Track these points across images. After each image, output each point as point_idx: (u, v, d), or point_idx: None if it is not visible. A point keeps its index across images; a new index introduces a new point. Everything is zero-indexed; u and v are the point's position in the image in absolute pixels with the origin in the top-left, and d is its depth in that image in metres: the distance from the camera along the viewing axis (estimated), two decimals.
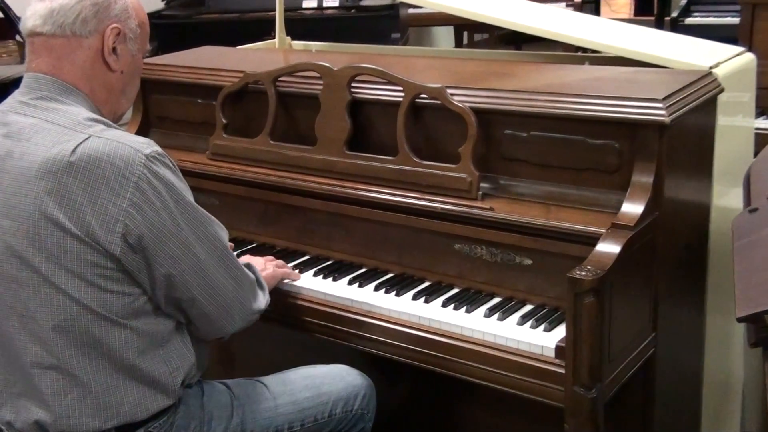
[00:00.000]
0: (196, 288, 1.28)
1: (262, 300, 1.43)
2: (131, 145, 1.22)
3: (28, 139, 1.24)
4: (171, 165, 1.27)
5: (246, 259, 1.62)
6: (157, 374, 1.28)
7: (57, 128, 1.24)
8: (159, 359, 1.28)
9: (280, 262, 1.66)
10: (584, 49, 2.33)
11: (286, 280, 1.63)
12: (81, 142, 1.21)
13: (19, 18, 3.19)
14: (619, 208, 1.39)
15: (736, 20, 3.15)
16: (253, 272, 1.45)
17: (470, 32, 5.40)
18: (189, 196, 1.28)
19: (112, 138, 1.22)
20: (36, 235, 1.21)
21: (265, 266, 1.58)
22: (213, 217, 1.34)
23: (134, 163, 1.20)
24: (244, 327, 1.40)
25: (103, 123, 1.27)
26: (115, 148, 1.21)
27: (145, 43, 1.38)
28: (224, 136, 1.86)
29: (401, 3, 4.20)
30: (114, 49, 1.31)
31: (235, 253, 1.66)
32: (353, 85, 1.68)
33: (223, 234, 1.35)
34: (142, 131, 2.04)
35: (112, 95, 1.34)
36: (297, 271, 1.68)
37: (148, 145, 1.24)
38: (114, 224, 1.19)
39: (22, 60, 3.37)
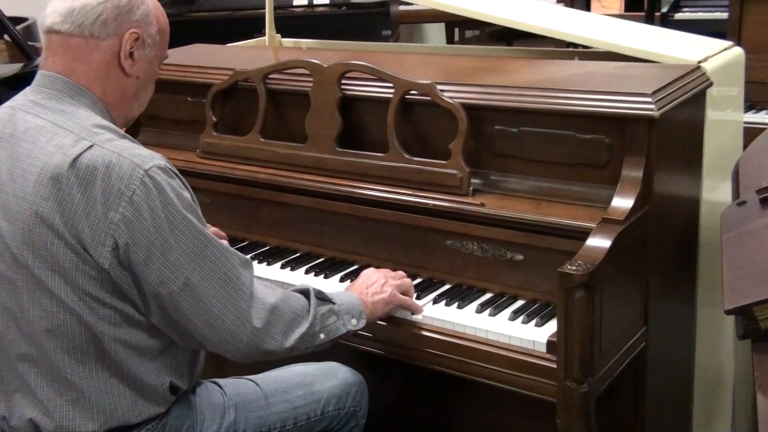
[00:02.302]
0: (189, 311, 1.22)
1: (295, 334, 1.29)
2: (132, 159, 1.19)
3: (32, 142, 1.22)
4: (174, 183, 1.21)
5: (366, 274, 1.49)
6: (148, 385, 1.27)
7: (63, 132, 1.22)
8: (151, 372, 1.26)
9: (407, 282, 1.50)
10: (575, 45, 2.34)
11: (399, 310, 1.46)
12: (83, 151, 1.19)
13: (7, 18, 3.18)
14: (609, 202, 1.40)
15: (724, 15, 3.16)
16: (308, 296, 1.33)
17: (461, 29, 5.40)
18: (192, 216, 1.22)
19: (115, 149, 1.19)
20: (31, 239, 1.20)
21: (382, 289, 1.45)
22: (218, 241, 1.25)
23: (131, 178, 1.17)
24: (265, 359, 1.30)
25: (111, 131, 1.24)
26: (116, 161, 1.18)
27: (163, 50, 1.35)
28: (214, 134, 1.85)
29: (392, 0, 4.21)
30: (131, 54, 1.28)
31: (347, 270, 1.50)
32: (343, 82, 1.67)
33: (230, 259, 1.25)
34: (132, 130, 2.03)
35: (124, 99, 1.31)
36: (289, 269, 1.68)
37: (150, 160, 1.20)
38: (104, 237, 1.17)
39: (10, 60, 3.35)
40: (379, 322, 1.49)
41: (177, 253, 1.20)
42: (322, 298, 1.38)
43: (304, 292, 1.36)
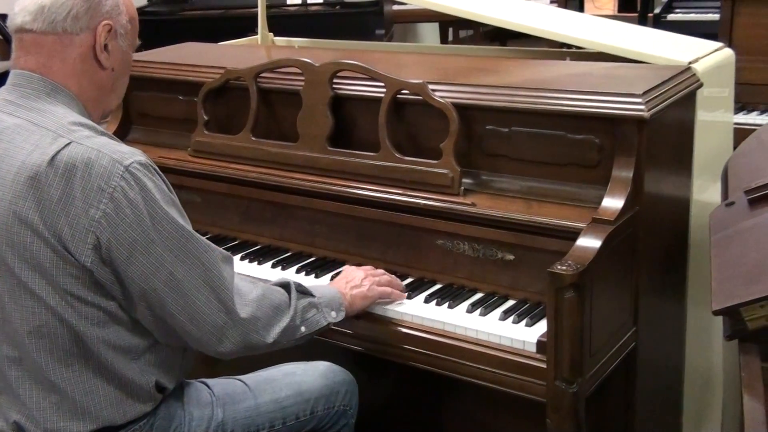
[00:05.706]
0: (173, 306, 1.22)
1: (277, 328, 1.30)
2: (112, 155, 1.18)
3: (9, 141, 1.21)
4: (154, 178, 1.21)
5: (346, 270, 1.52)
6: (134, 384, 1.26)
7: (40, 130, 1.21)
8: (136, 371, 1.26)
9: (386, 278, 1.50)
10: (569, 45, 2.34)
11: (382, 301, 1.47)
12: (61, 149, 1.18)
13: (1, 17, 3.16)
14: (599, 202, 1.40)
15: (716, 16, 3.18)
16: (288, 290, 1.35)
17: (455, 29, 5.41)
18: (173, 211, 1.22)
19: (94, 146, 1.18)
20: (11, 239, 1.19)
21: (360, 283, 1.47)
22: (201, 237, 1.26)
23: (112, 174, 1.16)
24: (247, 353, 1.30)
25: (89, 128, 1.23)
26: (95, 157, 1.17)
27: (134, 39, 1.35)
28: (206, 132, 1.85)
29: None
30: (106, 47, 1.27)
31: (338, 270, 1.55)
32: (335, 81, 1.67)
33: (212, 254, 1.25)
34: (123, 129, 2.03)
35: (101, 93, 1.30)
36: (279, 268, 1.67)
37: (130, 156, 1.19)
38: (85, 235, 1.16)
39: (1, 57, 3.34)
40: (367, 320, 1.48)
41: (160, 248, 1.20)
42: (302, 291, 1.39)
43: (285, 286, 1.37)
